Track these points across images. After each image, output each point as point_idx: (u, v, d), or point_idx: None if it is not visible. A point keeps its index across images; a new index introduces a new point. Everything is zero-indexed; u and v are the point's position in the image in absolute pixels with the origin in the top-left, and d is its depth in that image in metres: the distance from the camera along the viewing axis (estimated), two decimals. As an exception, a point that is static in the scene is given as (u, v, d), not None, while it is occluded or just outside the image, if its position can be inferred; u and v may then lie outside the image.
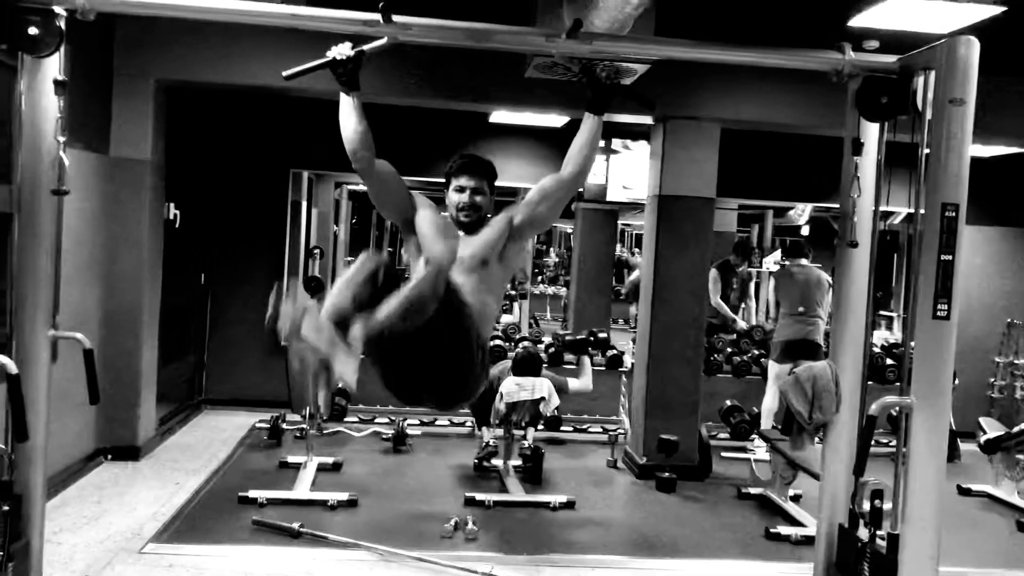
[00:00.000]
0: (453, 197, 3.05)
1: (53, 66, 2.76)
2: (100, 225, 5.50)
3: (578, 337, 6.45)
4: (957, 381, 6.14)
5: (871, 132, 3.12)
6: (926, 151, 2.80)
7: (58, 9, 2.69)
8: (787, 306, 6.78)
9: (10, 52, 2.76)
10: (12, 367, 2.65)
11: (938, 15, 4.51)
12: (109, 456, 5.64)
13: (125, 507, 4.81)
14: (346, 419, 6.77)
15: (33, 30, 2.64)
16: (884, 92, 2.97)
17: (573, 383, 5.92)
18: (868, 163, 3.12)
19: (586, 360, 6.12)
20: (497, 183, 3.19)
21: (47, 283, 2.88)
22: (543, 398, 5.57)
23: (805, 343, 6.62)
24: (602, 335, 6.16)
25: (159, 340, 6.07)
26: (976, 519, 5.66)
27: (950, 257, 2.72)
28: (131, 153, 5.64)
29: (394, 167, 3.07)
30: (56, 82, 2.74)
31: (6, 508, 2.69)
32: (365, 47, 2.87)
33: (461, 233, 3.04)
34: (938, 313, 2.74)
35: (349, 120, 2.88)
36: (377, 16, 2.85)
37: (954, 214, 2.72)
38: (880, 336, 8.91)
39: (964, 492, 6.07)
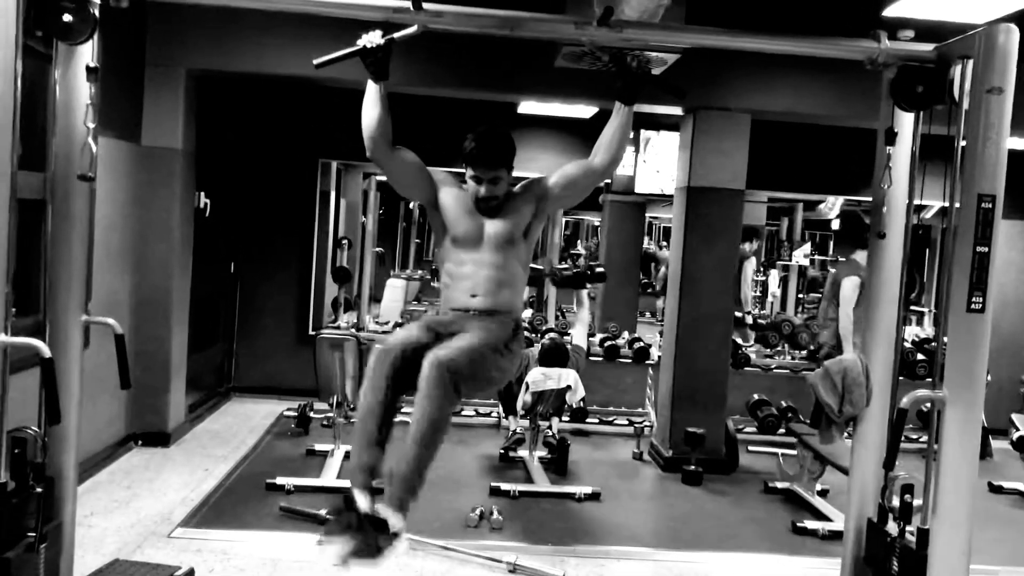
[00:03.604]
0: (471, 185, 3.06)
1: (86, 53, 2.78)
2: (132, 213, 5.56)
3: (576, 271, 6.35)
4: (989, 377, 6.03)
5: (905, 122, 3.07)
6: (962, 143, 2.76)
7: (92, -4, 2.71)
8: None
9: (45, 40, 2.79)
10: (46, 351, 2.68)
11: (975, 4, 4.43)
12: (140, 442, 5.72)
13: (155, 492, 4.87)
14: (373, 408, 6.80)
15: (67, 17, 2.66)
16: (920, 81, 2.92)
17: (577, 334, 5.88)
18: (902, 154, 3.07)
19: (584, 295, 6.05)
20: (524, 174, 3.19)
21: (79, 269, 2.91)
22: (568, 387, 5.56)
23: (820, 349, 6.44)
24: (599, 268, 6.05)
25: (189, 328, 6.14)
26: (1008, 517, 5.58)
27: (986, 249, 2.68)
28: (162, 142, 5.70)
29: (419, 157, 3.08)
30: (88, 68, 2.76)
31: (39, 490, 2.72)
32: (395, 35, 2.87)
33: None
34: (972, 306, 2.70)
35: (372, 107, 2.90)
36: (407, 3, 2.84)
37: (990, 205, 2.67)
38: (911, 332, 8.79)
39: (996, 490, 5.99)
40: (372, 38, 2.85)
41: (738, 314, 7.62)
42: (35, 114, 3.48)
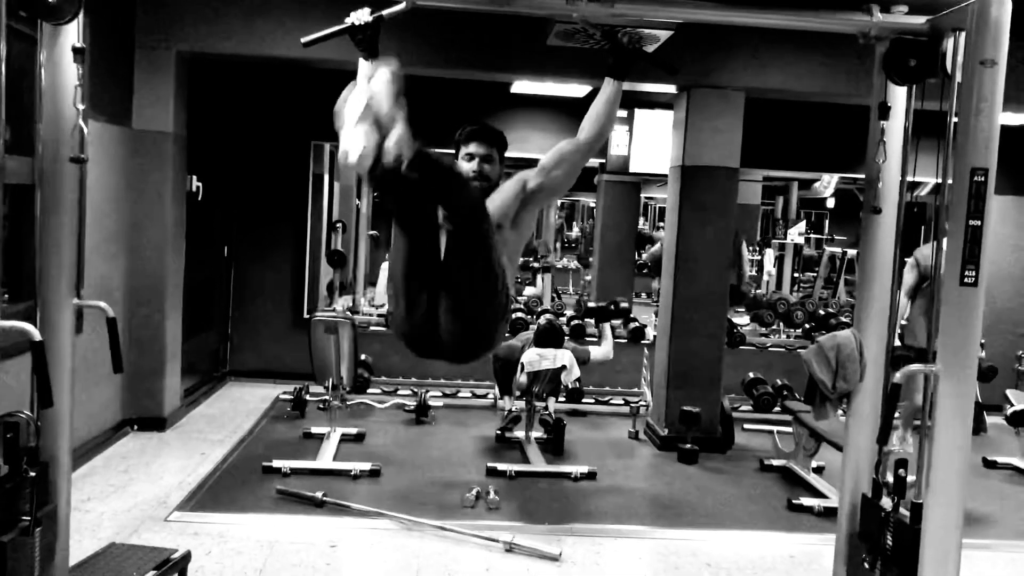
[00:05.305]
0: (463, 166, 3.04)
1: (72, 34, 2.75)
2: (123, 197, 5.53)
3: (600, 305, 6.47)
4: (983, 353, 6.05)
5: (898, 97, 3.05)
6: (955, 118, 2.74)
7: (76, -27, 2.67)
8: None
9: (30, 20, 2.75)
10: (35, 334, 2.67)
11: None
12: (135, 427, 5.71)
13: (151, 476, 4.87)
14: (369, 391, 6.81)
15: (51, -4, 2.63)
16: (913, 54, 2.90)
17: (595, 351, 5.93)
18: (895, 128, 3.06)
19: (607, 328, 6.11)
20: (518, 154, 3.17)
21: (70, 253, 2.89)
22: (564, 367, 5.57)
23: None
24: (623, 304, 6.20)
25: (183, 312, 6.12)
26: (1002, 492, 5.61)
27: (978, 223, 2.66)
28: (154, 125, 5.66)
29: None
30: (75, 49, 2.73)
31: (32, 474, 2.72)
32: (384, 12, 2.85)
33: None
34: (965, 280, 2.69)
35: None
36: (395, -20, 2.81)
37: (983, 179, 2.65)
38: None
39: (990, 465, 6.02)
40: (360, 15, 2.82)
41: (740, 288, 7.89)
42: (21, 98, 3.45)
